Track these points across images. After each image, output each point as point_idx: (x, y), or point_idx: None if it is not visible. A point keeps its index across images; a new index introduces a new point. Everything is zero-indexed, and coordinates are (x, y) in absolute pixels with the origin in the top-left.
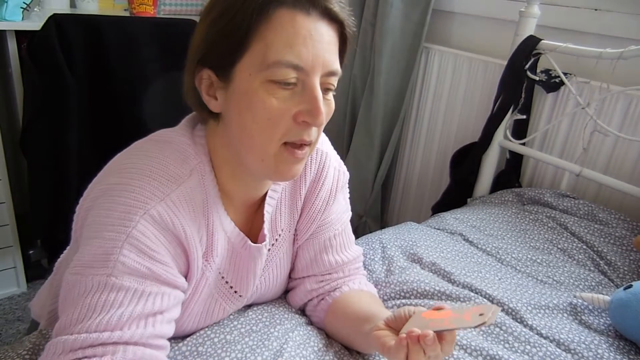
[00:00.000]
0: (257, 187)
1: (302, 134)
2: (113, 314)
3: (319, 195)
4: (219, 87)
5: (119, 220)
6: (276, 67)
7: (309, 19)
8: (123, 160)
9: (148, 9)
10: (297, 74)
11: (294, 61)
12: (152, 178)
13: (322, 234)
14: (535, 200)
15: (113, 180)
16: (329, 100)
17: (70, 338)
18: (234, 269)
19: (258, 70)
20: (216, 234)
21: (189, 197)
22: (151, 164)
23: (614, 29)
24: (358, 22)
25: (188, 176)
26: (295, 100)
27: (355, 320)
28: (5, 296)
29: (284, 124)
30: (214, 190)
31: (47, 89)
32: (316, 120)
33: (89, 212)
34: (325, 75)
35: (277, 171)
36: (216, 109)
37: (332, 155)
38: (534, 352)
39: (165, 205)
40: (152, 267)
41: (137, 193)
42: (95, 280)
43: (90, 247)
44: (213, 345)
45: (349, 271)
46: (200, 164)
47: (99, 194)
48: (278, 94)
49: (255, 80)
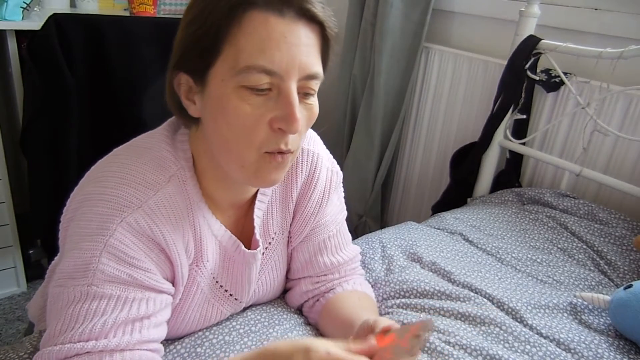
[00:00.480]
0: (243, 191)
1: (279, 143)
2: (96, 322)
3: (312, 198)
4: (196, 92)
5: (97, 230)
6: (248, 73)
7: (283, 21)
8: (101, 169)
9: (148, 9)
10: (271, 79)
11: (267, 66)
12: (128, 186)
13: (317, 236)
14: (535, 200)
15: (90, 189)
16: (310, 104)
17: (55, 349)
18: (227, 273)
19: (230, 76)
20: (205, 238)
21: (169, 203)
22: (128, 171)
23: (614, 28)
24: (358, 22)
25: (166, 182)
26: (270, 106)
27: (342, 324)
28: (5, 296)
29: (260, 131)
30: (197, 196)
31: (47, 88)
32: (291, 127)
33: (70, 224)
34: (304, 79)
35: (256, 177)
36: (195, 113)
37: (323, 155)
38: (534, 351)
39: (143, 212)
40: (133, 273)
41: (113, 202)
42: (77, 291)
43: (71, 259)
44: (212, 346)
45: (345, 272)
46: (181, 170)
47: (78, 205)
48: (251, 100)
49: (227, 86)
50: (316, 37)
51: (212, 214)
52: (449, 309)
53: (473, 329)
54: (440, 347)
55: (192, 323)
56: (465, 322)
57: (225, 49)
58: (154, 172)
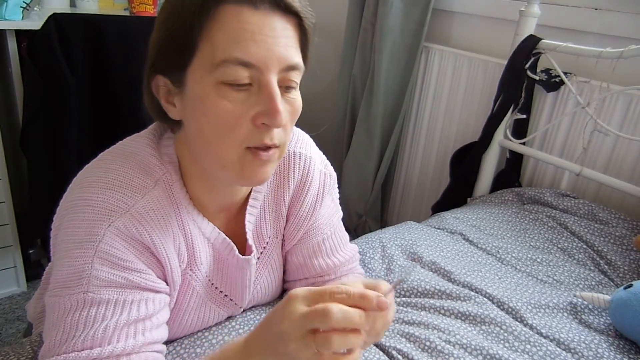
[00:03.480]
0: (232, 194)
1: (264, 138)
2: (97, 328)
3: (305, 202)
4: (175, 94)
5: (86, 236)
6: (224, 67)
7: (257, 13)
8: (86, 174)
9: (148, 9)
10: (250, 72)
11: (243, 58)
12: (114, 190)
13: (311, 239)
14: (535, 200)
15: (76, 195)
16: (292, 98)
17: (59, 359)
18: (222, 275)
19: (208, 73)
20: (196, 242)
21: (156, 207)
22: (113, 176)
23: (614, 28)
24: (358, 22)
25: (153, 186)
26: (251, 102)
27: None
28: (5, 295)
29: (242, 128)
30: (185, 200)
31: (47, 88)
32: (274, 121)
33: (58, 231)
34: (284, 71)
35: (243, 176)
36: (176, 116)
37: (316, 158)
38: (534, 351)
39: (131, 216)
40: (127, 276)
41: (100, 207)
42: (73, 299)
43: (63, 267)
44: (211, 346)
45: (342, 272)
46: (167, 174)
47: (65, 212)
48: (231, 96)
49: (206, 84)
50: (294, 29)
51: (202, 216)
52: (449, 308)
53: (473, 329)
54: (440, 346)
55: (190, 326)
56: (466, 321)
57: (201, 46)
58: (139, 177)
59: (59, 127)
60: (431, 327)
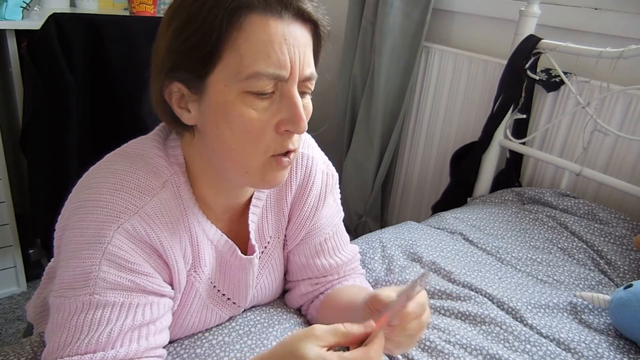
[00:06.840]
0: (238, 195)
1: (287, 144)
2: (102, 331)
3: (307, 202)
4: (191, 100)
5: (94, 237)
6: (255, 79)
7: (282, 23)
8: (94, 175)
9: (148, 9)
10: (275, 81)
11: (275, 72)
12: (123, 192)
13: (313, 239)
14: (535, 200)
15: (84, 196)
16: (306, 103)
17: None
18: (224, 277)
19: (234, 82)
20: (201, 244)
21: (164, 209)
22: (122, 177)
23: (614, 28)
24: (358, 22)
25: (161, 188)
26: (274, 110)
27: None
28: (5, 295)
29: (267, 135)
30: (191, 202)
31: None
32: (299, 128)
33: (65, 232)
34: (303, 80)
35: (264, 180)
36: (190, 121)
37: (318, 159)
38: (534, 351)
39: (140, 218)
40: (134, 279)
41: (109, 208)
42: (79, 301)
43: (69, 268)
44: (211, 347)
45: (344, 272)
46: (174, 176)
47: (72, 213)
48: (256, 104)
49: (231, 92)
50: (310, 36)
51: (206, 219)
52: (449, 308)
53: (473, 329)
54: (440, 346)
55: (191, 328)
56: (466, 321)
57: (226, 55)
58: (148, 178)
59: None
60: (431, 327)
